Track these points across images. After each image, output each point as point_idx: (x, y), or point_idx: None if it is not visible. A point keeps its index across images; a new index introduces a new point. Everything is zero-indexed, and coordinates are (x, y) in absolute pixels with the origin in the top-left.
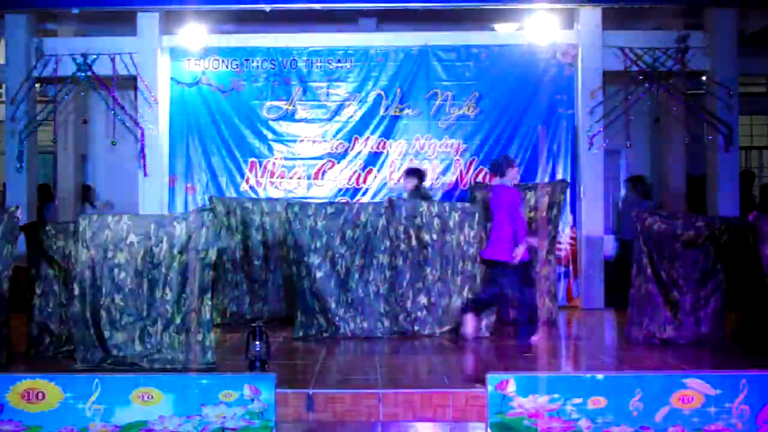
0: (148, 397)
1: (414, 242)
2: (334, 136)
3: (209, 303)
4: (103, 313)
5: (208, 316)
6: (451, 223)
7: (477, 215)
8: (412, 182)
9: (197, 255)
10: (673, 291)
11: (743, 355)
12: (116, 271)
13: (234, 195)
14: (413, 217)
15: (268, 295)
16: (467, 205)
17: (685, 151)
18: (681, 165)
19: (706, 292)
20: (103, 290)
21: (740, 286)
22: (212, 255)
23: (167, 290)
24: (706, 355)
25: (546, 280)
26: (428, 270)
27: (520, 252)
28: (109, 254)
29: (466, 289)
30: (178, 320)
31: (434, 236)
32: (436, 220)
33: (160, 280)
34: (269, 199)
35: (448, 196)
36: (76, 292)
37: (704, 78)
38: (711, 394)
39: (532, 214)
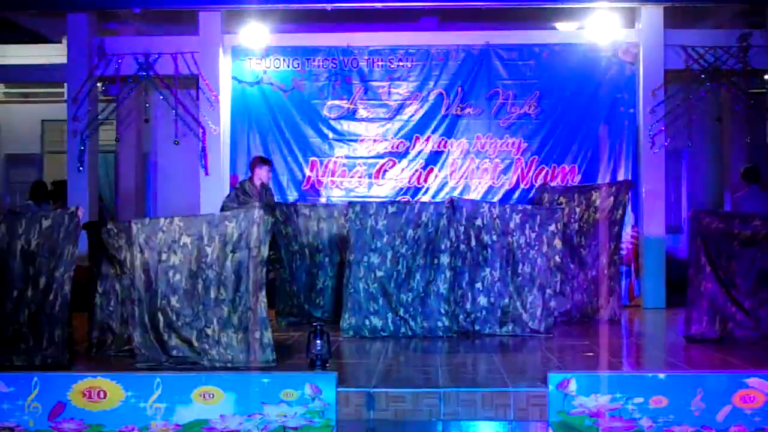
0: (209, 396)
1: (474, 243)
2: (395, 135)
3: (264, 300)
4: (161, 316)
5: (264, 314)
6: (511, 224)
7: (539, 217)
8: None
9: (250, 253)
10: (731, 290)
11: None
12: (171, 273)
13: (295, 193)
14: (474, 217)
15: (328, 299)
16: (529, 207)
17: (748, 150)
18: (742, 165)
19: (766, 290)
20: (159, 293)
21: None
22: (264, 252)
23: (222, 290)
24: (767, 354)
25: (610, 280)
26: (488, 271)
27: None
28: (163, 256)
29: (526, 290)
30: (234, 319)
31: (494, 237)
32: (497, 221)
33: (214, 279)
34: (327, 205)
35: (508, 195)
36: (133, 295)
37: (766, 77)
38: None
39: (597, 215)
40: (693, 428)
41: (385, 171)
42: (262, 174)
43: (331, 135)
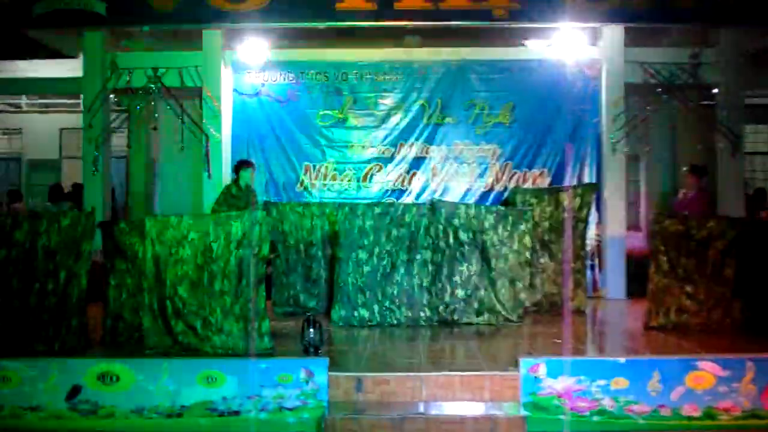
0: (212, 380)
1: (452, 240)
2: (382, 142)
3: (263, 294)
4: (169, 304)
5: (262, 306)
6: (486, 224)
7: (511, 217)
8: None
9: (252, 250)
10: (687, 284)
11: (750, 341)
12: (179, 265)
13: (290, 195)
14: (452, 217)
15: (321, 290)
16: (502, 208)
17: (697, 156)
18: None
19: (717, 284)
20: (168, 283)
21: (747, 279)
22: (265, 250)
23: (225, 282)
24: (716, 340)
25: (577, 273)
26: (465, 266)
27: None
28: (173, 250)
29: (499, 283)
30: (236, 309)
31: (471, 235)
32: (473, 221)
33: (218, 273)
34: (319, 204)
35: (484, 196)
36: (144, 285)
37: (715, 91)
38: (721, 375)
39: (565, 214)
40: (650, 407)
41: (372, 175)
42: (246, 176)
43: (323, 142)
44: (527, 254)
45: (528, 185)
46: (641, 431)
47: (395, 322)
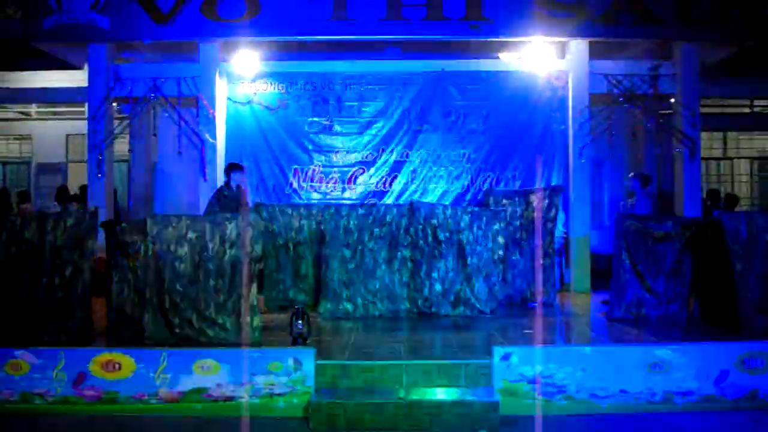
0: (207, 368)
1: (430, 239)
2: (365, 147)
3: (255, 290)
4: (167, 298)
5: (254, 302)
6: (462, 224)
7: (485, 218)
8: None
9: (245, 250)
10: (647, 279)
11: (705, 330)
12: (177, 262)
13: (280, 197)
14: (430, 218)
15: (309, 286)
16: (476, 209)
17: (657, 161)
18: (654, 173)
19: (675, 279)
20: (167, 278)
21: (703, 273)
22: (257, 250)
23: (219, 279)
24: (674, 330)
25: (546, 269)
26: (443, 262)
27: None
28: (172, 248)
29: (474, 278)
30: (229, 305)
31: (447, 234)
32: (450, 221)
33: (213, 270)
34: (306, 205)
35: (460, 197)
36: (145, 280)
37: (672, 100)
38: (677, 362)
39: (534, 214)
40: (613, 392)
41: (356, 177)
42: (236, 178)
43: (310, 147)
44: (500, 252)
45: (501, 187)
46: (605, 414)
47: (377, 314)
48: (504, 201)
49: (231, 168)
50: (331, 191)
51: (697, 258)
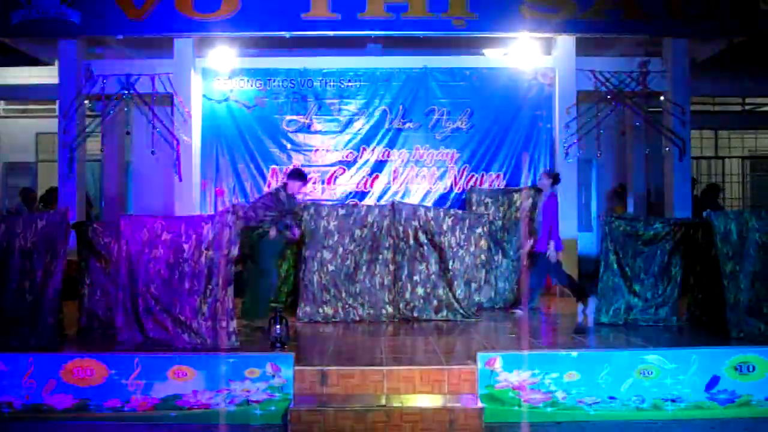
0: (182, 374)
1: (412, 241)
2: (345, 146)
3: (232, 294)
4: (141, 301)
5: (230, 306)
6: (444, 226)
7: (467, 221)
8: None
9: (221, 252)
10: (635, 283)
11: (695, 335)
12: (151, 264)
13: (257, 197)
14: (412, 219)
15: (289, 288)
16: (459, 211)
17: (646, 160)
18: (642, 173)
19: (664, 282)
20: (140, 281)
21: (693, 276)
22: (234, 252)
23: (195, 282)
24: (663, 335)
25: (531, 272)
26: (424, 265)
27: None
28: (146, 250)
29: (456, 282)
30: (204, 308)
31: (429, 237)
32: (432, 223)
33: (189, 272)
34: None
35: (443, 198)
36: (118, 281)
37: (662, 98)
38: (667, 368)
39: (518, 213)
40: (600, 398)
41: (336, 177)
42: (295, 187)
43: (289, 146)
44: (483, 256)
45: (485, 187)
46: (592, 421)
47: (358, 318)
48: (487, 199)
49: (296, 175)
50: (311, 192)
51: (687, 260)
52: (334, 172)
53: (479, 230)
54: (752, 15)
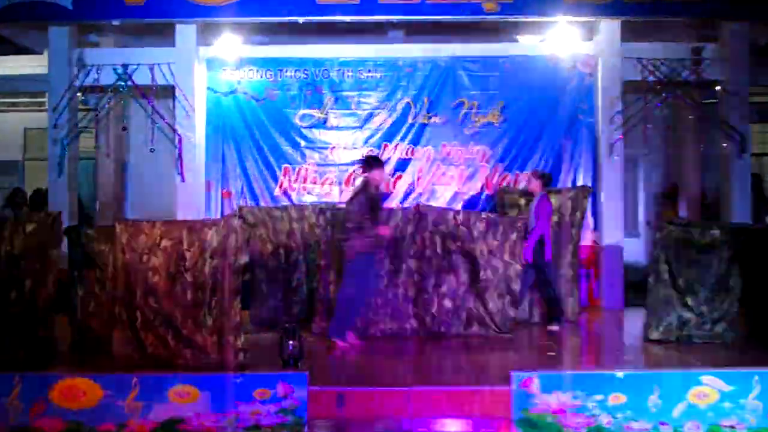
0: (185, 395)
1: (439, 249)
2: (365, 143)
3: (239, 305)
4: (139, 314)
5: (237, 319)
6: (475, 232)
7: (501, 226)
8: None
9: (227, 260)
10: (689, 296)
11: (756, 354)
12: (150, 274)
13: (268, 199)
14: (439, 224)
15: (301, 299)
16: (492, 215)
17: (700, 158)
18: (696, 172)
19: (722, 294)
20: (138, 292)
21: (755, 288)
22: (241, 259)
23: (198, 293)
24: (721, 353)
25: (568, 282)
26: (452, 276)
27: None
28: (144, 258)
29: (487, 294)
30: (209, 322)
31: (459, 244)
32: (461, 229)
33: (191, 283)
34: (298, 205)
35: (474, 201)
36: (114, 293)
37: (718, 88)
38: (725, 390)
39: (556, 218)
40: (650, 424)
41: (355, 178)
42: (379, 176)
43: (302, 143)
44: (518, 265)
45: (519, 188)
46: None
47: (379, 333)
48: (520, 200)
49: (376, 163)
50: (327, 193)
51: (747, 270)
52: (353, 172)
53: (514, 235)
54: None
